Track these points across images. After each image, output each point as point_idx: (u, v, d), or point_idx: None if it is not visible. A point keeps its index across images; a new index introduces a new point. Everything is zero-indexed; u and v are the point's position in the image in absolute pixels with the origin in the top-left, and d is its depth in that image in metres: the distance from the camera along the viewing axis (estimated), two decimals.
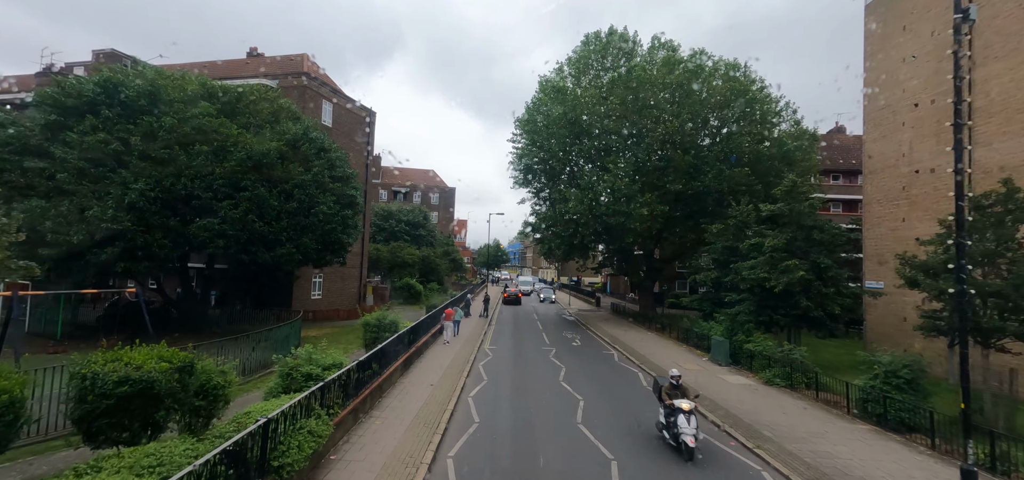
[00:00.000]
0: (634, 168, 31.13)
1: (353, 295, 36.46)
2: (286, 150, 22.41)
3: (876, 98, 23.30)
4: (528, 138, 37.09)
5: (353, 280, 36.59)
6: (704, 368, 20.05)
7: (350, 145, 35.92)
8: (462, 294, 39.66)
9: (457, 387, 15.71)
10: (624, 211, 30.16)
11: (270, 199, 21.31)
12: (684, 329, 26.87)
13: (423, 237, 56.13)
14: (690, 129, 31.20)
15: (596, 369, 19.96)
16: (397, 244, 48.02)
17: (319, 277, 32.90)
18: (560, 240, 35.45)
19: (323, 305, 33.14)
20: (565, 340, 27.50)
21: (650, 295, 39.74)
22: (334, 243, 25.08)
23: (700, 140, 32.25)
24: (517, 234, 42.53)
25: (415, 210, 56.43)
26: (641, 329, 32.70)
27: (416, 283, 43.80)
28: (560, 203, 34.39)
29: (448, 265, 58.39)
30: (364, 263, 38.04)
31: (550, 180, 38.66)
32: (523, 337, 28.08)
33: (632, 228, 30.39)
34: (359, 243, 37.30)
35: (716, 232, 27.12)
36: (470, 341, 25.57)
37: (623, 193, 30.10)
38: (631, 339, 27.90)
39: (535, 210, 40.27)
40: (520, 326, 33.19)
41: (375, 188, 70.83)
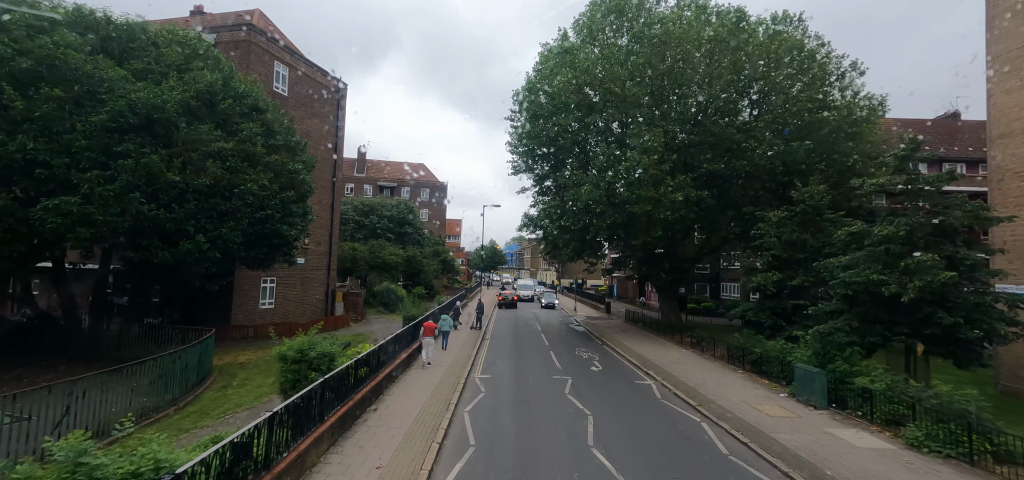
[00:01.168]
0: (663, 144, 24.91)
1: (318, 303, 30.02)
2: (196, 105, 16.03)
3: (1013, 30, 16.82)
4: (529, 116, 30.80)
5: (318, 285, 30.15)
6: (796, 413, 13.75)
7: (311, 121, 29.52)
8: (451, 300, 33.28)
9: (423, 466, 9.37)
10: (651, 196, 23.91)
11: (167, 172, 14.91)
12: (734, 347, 20.58)
13: (409, 235, 49.73)
14: (732, 95, 24.96)
15: (637, 416, 13.64)
16: (378, 242, 41.59)
17: (271, 281, 26.44)
18: (569, 235, 29.15)
19: (277, 316, 26.68)
20: (580, 363, 21.17)
21: (674, 300, 33.48)
22: (272, 237, 18.69)
23: (743, 109, 26.00)
24: (517, 228, 35.52)
25: (400, 204, 50.03)
26: (670, 344, 26.42)
27: (398, 288, 37.38)
28: (569, 190, 28.10)
29: (437, 267, 52.00)
30: (332, 264, 31.64)
31: (556, 164, 32.35)
32: (525, 358, 21.75)
33: (661, 218, 24.13)
34: (327, 241, 30.93)
35: (776, 221, 20.91)
36: (456, 366, 19.22)
37: (649, 175, 23.85)
38: (665, 359, 21.62)
39: (538, 201, 33.98)
40: (521, 340, 26.85)
41: (360, 182, 64.44)
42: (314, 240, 29.80)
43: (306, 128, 28.97)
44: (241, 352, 20.80)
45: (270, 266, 20.88)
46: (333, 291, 31.62)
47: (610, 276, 77.30)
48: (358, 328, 29.21)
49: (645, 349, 24.64)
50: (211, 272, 17.12)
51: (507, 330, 31.11)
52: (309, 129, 29.22)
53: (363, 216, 46.46)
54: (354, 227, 45.80)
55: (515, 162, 33.54)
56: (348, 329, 28.66)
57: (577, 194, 26.71)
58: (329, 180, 31.20)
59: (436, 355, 20.44)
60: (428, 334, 19.91)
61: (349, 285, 36.19)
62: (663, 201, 23.93)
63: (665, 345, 26.21)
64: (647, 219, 25.22)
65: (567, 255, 30.75)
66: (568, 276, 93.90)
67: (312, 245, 29.58)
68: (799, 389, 15.00)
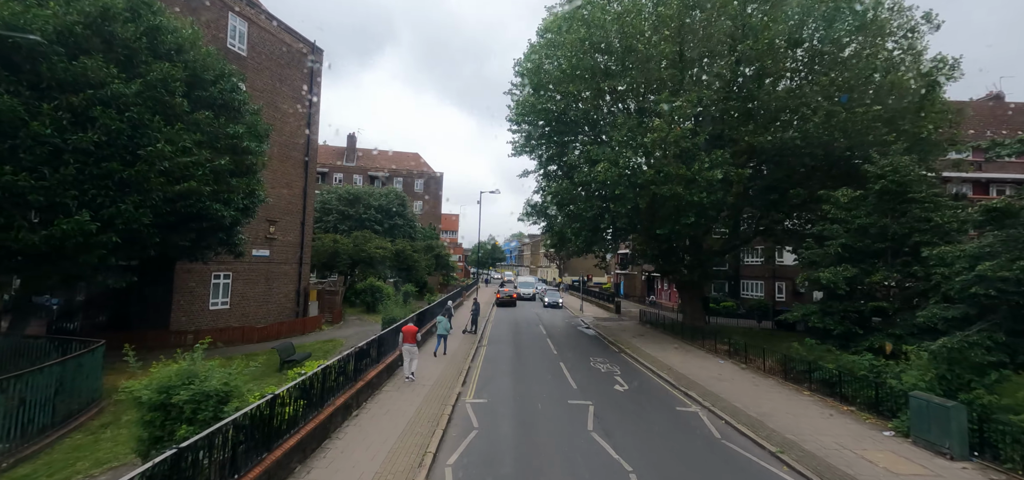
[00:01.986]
0: (697, 111, 20.64)
1: (286, 303, 25.71)
2: (84, 33, 11.69)
3: None
4: (533, 85, 26.46)
5: (286, 281, 25.83)
6: (928, 468, 9.47)
7: (279, 90, 25.16)
8: (443, 299, 28.98)
9: None
10: (682, 175, 19.65)
11: (32, 122, 10.59)
12: (795, 360, 16.32)
13: (399, 227, 45.39)
14: (778, 52, 20.63)
15: (699, 472, 9.39)
16: (362, 234, 37.24)
17: (224, 277, 22.12)
18: (579, 224, 24.84)
19: (234, 318, 22.37)
20: (599, 378, 16.89)
21: (697, 300, 29.23)
22: (200, 219, 14.35)
23: (791, 70, 21.64)
24: (518, 218, 31.05)
25: (389, 194, 45.64)
26: (701, 352, 22.17)
27: (385, 285, 33.06)
28: (580, 170, 23.80)
29: (431, 262, 47.67)
30: (305, 257, 27.31)
31: (562, 144, 28.01)
32: (530, 372, 17.46)
33: (694, 201, 19.84)
34: (299, 230, 26.61)
35: (847, 203, 16.66)
36: (444, 383, 14.95)
37: (680, 148, 19.57)
38: (702, 374, 17.36)
39: (541, 187, 29.69)
40: (524, 347, 22.57)
41: (349, 171, 60.13)
42: (282, 229, 25.50)
43: (272, 99, 24.65)
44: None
45: (204, 258, 16.52)
46: (306, 288, 27.32)
47: (615, 273, 73.10)
48: (332, 332, 24.91)
49: (673, 359, 20.38)
50: (111, 263, 12.77)
51: (507, 334, 26.83)
52: (276, 101, 24.89)
53: (348, 206, 42.11)
54: (338, 218, 41.48)
55: (516, 142, 29.20)
56: (319, 334, 24.35)
57: (591, 174, 22.42)
58: (301, 160, 26.88)
59: (422, 368, 16.19)
60: (409, 341, 15.75)
61: (328, 282, 31.83)
62: (697, 181, 19.66)
63: (695, 354, 21.96)
64: (676, 203, 20.95)
65: (576, 248, 26.48)
66: (570, 274, 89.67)
67: (279, 235, 25.27)
68: (916, 426, 10.72)
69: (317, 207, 42.76)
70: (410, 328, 16.21)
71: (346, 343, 21.34)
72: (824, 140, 19.74)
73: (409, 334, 16.07)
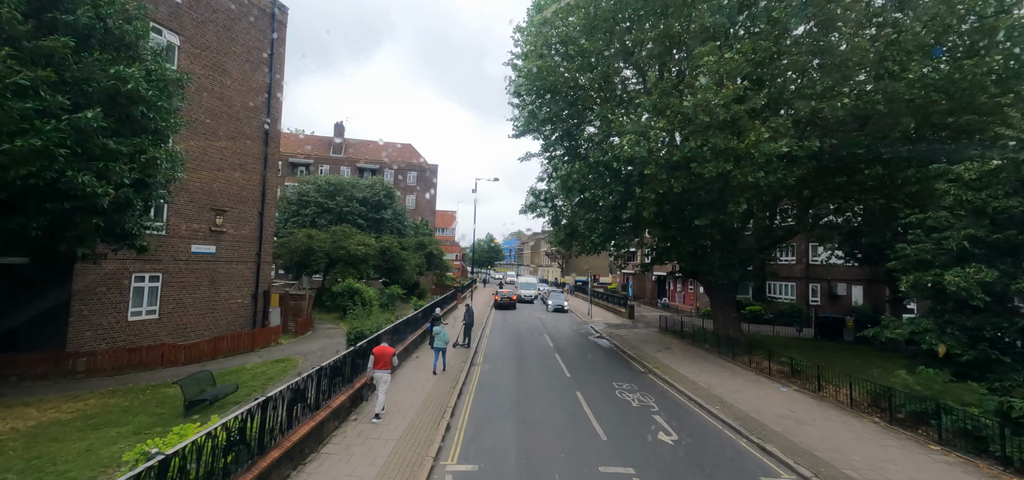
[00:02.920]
0: (753, 68, 16.15)
1: (239, 310, 21.17)
2: None
3: None
4: (538, 47, 21.91)
5: (239, 284, 21.29)
6: None
7: (228, 49, 20.61)
8: (430, 305, 24.43)
9: None
10: (734, 150, 15.20)
11: None
12: (905, 396, 11.86)
13: (387, 223, 40.85)
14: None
15: None
16: (341, 228, 32.70)
17: (151, 279, 17.58)
18: (597, 214, 20.34)
19: (165, 331, 17.85)
20: (632, 417, 12.35)
21: (731, 306, 24.71)
22: (61, 195, 9.82)
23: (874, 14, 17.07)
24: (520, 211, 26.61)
25: (375, 185, 41.03)
26: (749, 372, 17.70)
27: (365, 287, 28.51)
28: (599, 145, 19.35)
29: (422, 261, 43.15)
30: (265, 255, 22.78)
31: (574, 119, 23.47)
32: (538, 408, 12.93)
33: (748, 182, 15.36)
34: (256, 223, 22.11)
35: (969, 182, 12.18)
36: (417, 431, 10.42)
37: (730, 114, 15.08)
38: (767, 409, 12.88)
39: (548, 172, 25.15)
40: (527, 368, 18.05)
41: (336, 163, 55.58)
42: (234, 221, 20.98)
43: (219, 60, 20.13)
44: (48, 404, 11.82)
45: (69, 255, 11.78)
46: (266, 292, 22.77)
47: (621, 273, 68.61)
48: (291, 347, 20.39)
49: (718, 383, 15.90)
50: None
51: (507, 347, 22.33)
52: (224, 63, 20.35)
53: (328, 198, 37.52)
54: (316, 211, 36.90)
55: (517, 120, 24.62)
56: (272, 350, 19.80)
57: (611, 151, 17.94)
58: (259, 138, 22.35)
59: (403, 396, 11.73)
60: (382, 365, 11.48)
61: (297, 284, 27.24)
62: (753, 156, 15.17)
63: (742, 375, 17.50)
64: (723, 185, 16.49)
65: (590, 244, 21.94)
66: (572, 273, 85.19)
67: (229, 228, 20.74)
68: None
69: (294, 199, 38.25)
70: (384, 350, 11.86)
71: (302, 364, 16.85)
72: (919, 104, 15.23)
73: (382, 357, 11.77)
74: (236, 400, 12.03)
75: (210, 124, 19.72)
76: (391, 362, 11.87)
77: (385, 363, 11.78)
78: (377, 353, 11.86)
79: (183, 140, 18.51)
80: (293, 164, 55.27)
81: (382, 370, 11.77)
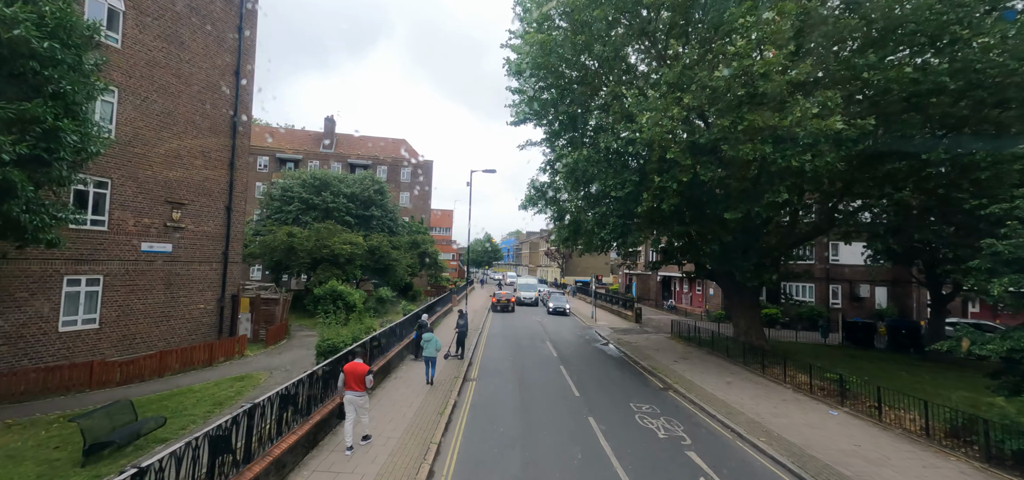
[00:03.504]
0: (797, 35, 13.71)
1: (201, 317, 18.62)
2: None
3: None
4: (538, 27, 19.44)
5: (202, 287, 18.74)
6: None
7: (185, 18, 18.08)
8: (417, 312, 21.90)
9: None
10: (773, 130, 12.79)
11: None
12: (1008, 431, 9.49)
13: (377, 220, 38.30)
14: None
15: None
16: (324, 226, 30.18)
17: (88, 283, 15.03)
18: (607, 208, 17.89)
19: (108, 344, 15.32)
20: (661, 455, 9.86)
21: (754, 311, 22.30)
22: None
23: None
24: (519, 206, 24.36)
25: (364, 180, 38.44)
26: (791, 391, 15.25)
27: (349, 290, 25.98)
28: (610, 130, 16.91)
29: (414, 261, 40.65)
30: (233, 254, 20.25)
31: (579, 109, 20.98)
32: (544, 441, 10.43)
33: (794, 168, 12.93)
34: (223, 218, 19.63)
35: None
36: (393, 475, 7.97)
37: (771, 83, 12.65)
38: (831, 444, 10.41)
39: (550, 162, 22.67)
40: (529, 384, 15.56)
41: (327, 158, 53.06)
42: (194, 216, 18.45)
43: (174, 30, 17.60)
44: None
45: None
46: (234, 296, 20.24)
47: (624, 273, 66.17)
48: (258, 360, 17.87)
49: (754, 404, 13.45)
50: None
51: (505, 357, 19.85)
52: (181, 33, 17.81)
53: (313, 193, 34.95)
54: (300, 207, 34.33)
55: (516, 105, 22.12)
56: (234, 365, 17.27)
57: (627, 133, 15.49)
58: (226, 123, 19.83)
59: (386, 418, 9.29)
60: (354, 386, 9.10)
61: (272, 287, 24.66)
62: (797, 136, 12.75)
63: (779, 392, 15.06)
64: (758, 170, 14.06)
65: (600, 240, 19.49)
66: (573, 274, 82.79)
67: (189, 224, 18.21)
68: None
69: (277, 195, 35.70)
70: (356, 367, 9.50)
71: (266, 382, 14.36)
72: (990, 74, 12.82)
73: (354, 376, 9.45)
74: (163, 437, 9.54)
75: (164, 104, 17.20)
76: (365, 382, 9.49)
77: (358, 382, 9.43)
78: (348, 372, 9.49)
79: (130, 122, 16.00)
80: (281, 159, 52.69)
81: (354, 392, 9.39)
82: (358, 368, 9.58)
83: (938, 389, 15.65)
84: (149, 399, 11.97)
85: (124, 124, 15.85)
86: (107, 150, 13.23)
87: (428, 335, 15.09)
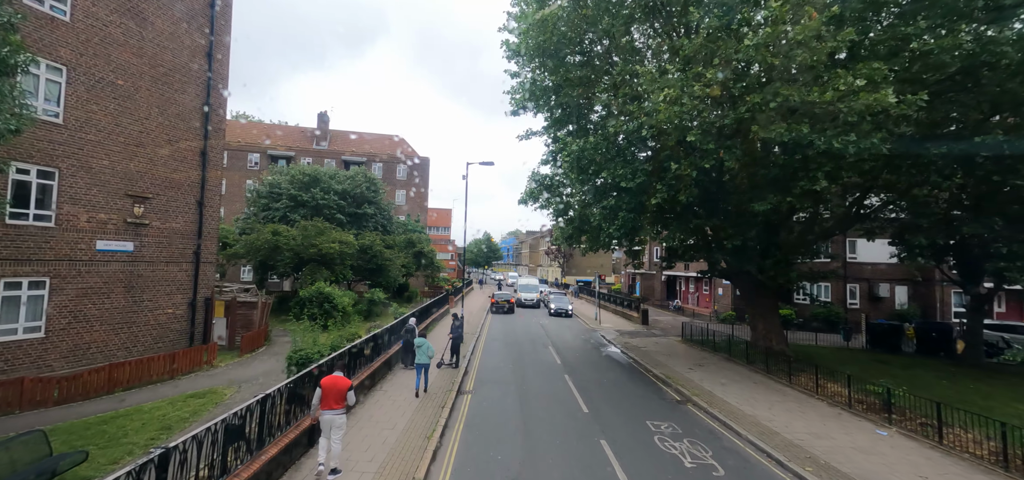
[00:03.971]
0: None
1: (171, 323, 16.87)
2: None
3: None
4: (539, 4, 17.67)
5: (169, 290, 16.99)
6: None
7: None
8: (403, 318, 20.12)
9: None
10: (810, 107, 11.06)
11: None
12: None
13: (370, 218, 36.55)
14: None
15: None
16: (312, 223, 28.44)
17: (31, 286, 13.29)
18: (620, 199, 16.12)
19: (54, 354, 13.58)
20: None
21: (774, 313, 20.58)
22: None
23: None
24: (519, 201, 22.68)
25: (356, 176, 36.65)
26: (826, 404, 13.49)
27: (338, 292, 24.23)
28: (622, 112, 15.17)
29: (409, 261, 38.93)
30: (206, 254, 18.49)
31: (585, 99, 19.14)
32: (549, 473, 8.77)
33: (835, 150, 11.19)
34: (195, 214, 17.93)
35: None
36: None
37: (809, 50, 10.92)
38: (887, 474, 8.79)
39: (553, 153, 20.92)
40: (530, 396, 13.79)
41: (320, 155, 51.35)
42: (160, 211, 16.71)
43: (136, 5, 15.86)
44: None
45: None
46: (208, 300, 18.49)
47: (626, 273, 64.37)
48: (228, 372, 16.09)
49: (788, 421, 11.71)
50: None
51: (504, 365, 18.09)
52: (142, 7, 16.08)
53: (302, 189, 33.18)
54: (288, 205, 32.57)
55: (515, 91, 20.33)
56: (200, 377, 15.51)
57: (642, 115, 13.74)
58: (196, 108, 18.08)
59: (355, 454, 7.61)
60: (332, 404, 7.53)
61: (253, 290, 22.87)
62: (839, 113, 11.02)
63: (812, 406, 13.32)
64: (790, 155, 12.33)
65: (608, 237, 17.74)
66: (574, 273, 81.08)
67: (154, 220, 16.47)
68: None
69: (264, 192, 33.96)
70: (336, 381, 7.87)
71: (231, 398, 12.62)
72: None
73: (332, 392, 7.90)
74: (86, 475, 7.80)
75: (124, 87, 15.45)
76: (346, 399, 7.95)
77: (337, 400, 7.93)
78: (327, 387, 7.92)
79: (81, 105, 14.26)
80: (273, 156, 50.90)
81: (333, 411, 7.81)
82: (338, 383, 8.03)
83: (988, 402, 13.95)
84: (86, 423, 10.24)
85: (74, 107, 14.10)
86: (29, 129, 11.48)
87: (420, 340, 13.75)
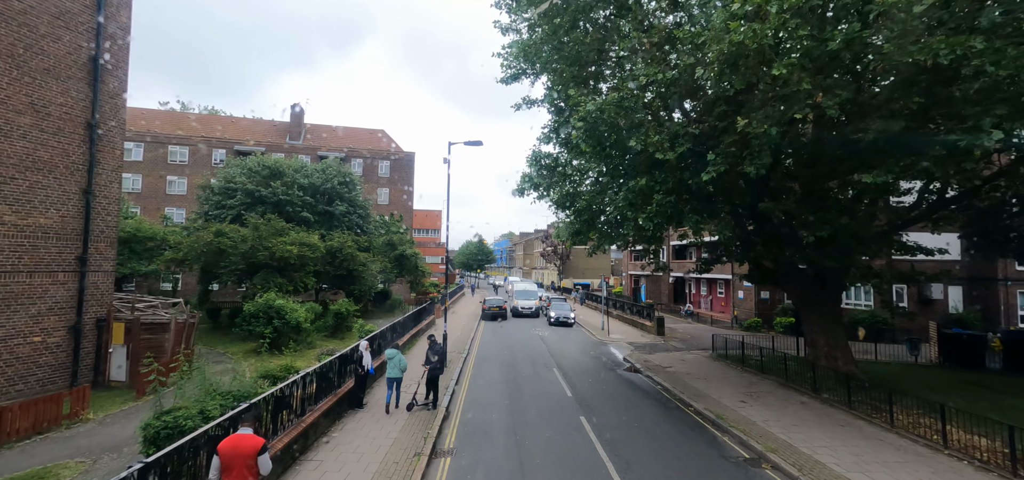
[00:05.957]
0: None
1: (46, 354, 12.18)
2: None
3: None
4: None
5: (40, 309, 12.31)
6: None
7: None
8: (354, 347, 15.53)
9: None
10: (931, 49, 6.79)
11: None
12: None
13: (344, 217, 31.93)
14: None
15: None
16: (265, 222, 23.80)
17: None
18: (656, 177, 11.77)
19: None
20: None
21: (837, 322, 16.45)
22: None
23: None
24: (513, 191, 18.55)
25: (326, 169, 31.94)
26: (964, 462, 9.26)
27: (291, 305, 19.64)
28: (631, 79, 10.80)
29: (389, 265, 34.32)
30: (97, 255, 13.84)
31: (594, 51, 14.72)
32: None
33: None
34: (80, 209, 13.25)
35: None
36: None
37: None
38: None
39: (556, 127, 16.52)
40: (532, 450, 9.41)
41: (294, 151, 46.64)
42: (18, 204, 12.08)
43: None
44: None
45: None
46: (101, 321, 13.83)
47: (629, 275, 60.13)
48: (102, 430, 11.32)
49: None
50: None
51: (497, 401, 13.54)
52: None
53: (261, 184, 28.47)
54: (245, 202, 27.85)
55: (509, 53, 15.87)
56: (58, 436, 10.80)
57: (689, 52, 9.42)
58: (81, 71, 13.48)
59: None
60: (235, 476, 2.52)
61: (182, 306, 18.07)
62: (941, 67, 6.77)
63: (954, 468, 9.01)
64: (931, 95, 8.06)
65: (639, 229, 13.35)
66: (570, 276, 76.79)
67: (6, 214, 11.84)
68: None
69: (217, 188, 29.21)
70: (238, 444, 3.32)
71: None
72: None
73: (239, 458, 3.30)
74: None
75: None
76: (257, 467, 3.53)
77: (240, 472, 3.45)
78: (227, 452, 3.52)
79: None
80: (239, 152, 46.07)
81: None
82: (243, 445, 3.86)
83: None
84: None
85: None
86: None
87: (391, 351, 11.93)
